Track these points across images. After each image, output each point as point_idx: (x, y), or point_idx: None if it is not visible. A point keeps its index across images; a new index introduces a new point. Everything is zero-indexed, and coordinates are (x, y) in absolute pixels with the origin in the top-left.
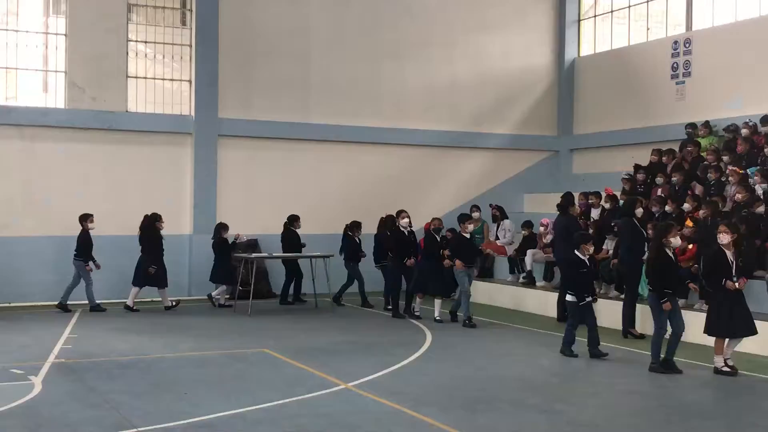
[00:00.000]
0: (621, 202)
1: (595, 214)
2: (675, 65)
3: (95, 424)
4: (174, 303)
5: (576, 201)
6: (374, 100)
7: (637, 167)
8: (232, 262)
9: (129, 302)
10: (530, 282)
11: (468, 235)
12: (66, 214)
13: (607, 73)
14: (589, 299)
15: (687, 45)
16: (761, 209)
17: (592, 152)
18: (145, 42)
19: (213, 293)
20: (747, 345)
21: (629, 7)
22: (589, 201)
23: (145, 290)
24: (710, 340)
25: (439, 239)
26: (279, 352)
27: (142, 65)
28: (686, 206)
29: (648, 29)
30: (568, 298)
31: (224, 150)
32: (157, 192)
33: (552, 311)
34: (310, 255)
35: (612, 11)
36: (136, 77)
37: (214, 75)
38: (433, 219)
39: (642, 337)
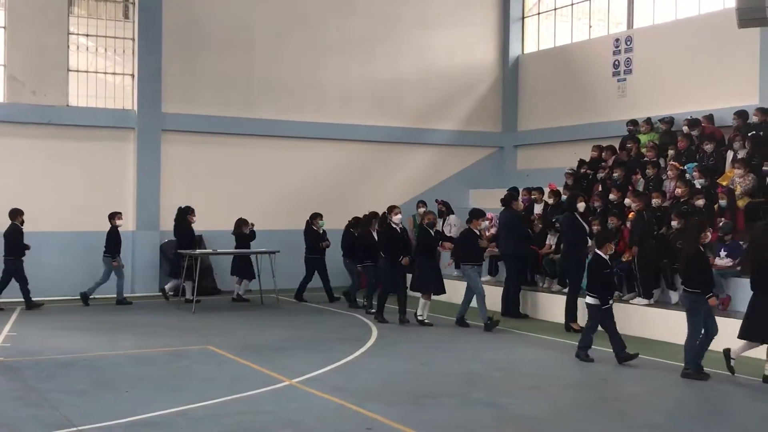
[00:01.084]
0: (564, 197)
1: (538, 209)
2: (616, 63)
3: (35, 423)
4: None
5: (520, 196)
6: (319, 95)
7: (581, 162)
8: (174, 259)
9: (188, 295)
10: None
11: (478, 232)
12: (4, 211)
13: (550, 70)
14: (611, 302)
15: (628, 43)
16: (701, 202)
17: (535, 148)
18: (87, 35)
19: (239, 291)
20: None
21: (572, 5)
22: (532, 196)
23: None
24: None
25: (433, 234)
26: (223, 349)
27: (83, 59)
28: (627, 201)
29: (590, 27)
30: (590, 300)
31: (168, 145)
32: (99, 188)
33: (497, 305)
34: (256, 251)
35: (555, 9)
36: (78, 71)
37: (157, 69)
38: (427, 213)
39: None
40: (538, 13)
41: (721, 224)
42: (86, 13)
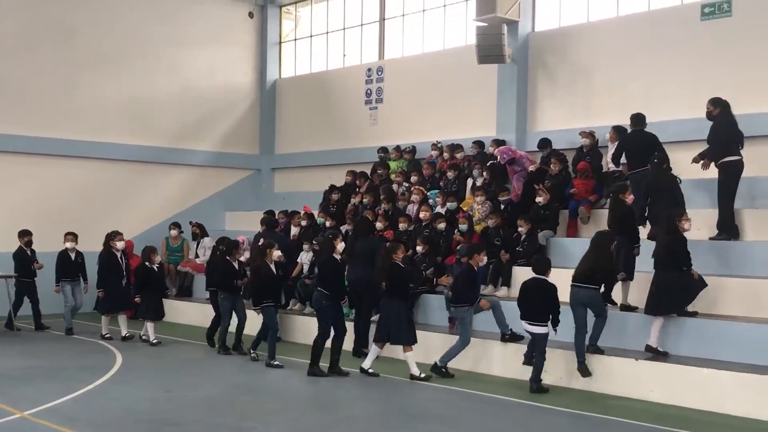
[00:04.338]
0: (318, 219)
1: (294, 231)
2: (369, 91)
3: None
4: (108, 334)
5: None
6: (69, 111)
7: (332, 187)
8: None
9: (103, 330)
10: None
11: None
12: None
13: (307, 96)
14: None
15: (380, 72)
16: (442, 226)
17: (292, 171)
18: None
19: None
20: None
21: (327, 33)
22: (291, 221)
23: None
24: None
25: (401, 272)
26: None
27: None
28: (379, 225)
29: (344, 55)
30: (538, 330)
31: None
32: None
33: (253, 329)
34: None
35: (312, 36)
36: None
37: None
38: (395, 246)
39: None
40: (295, 39)
41: (458, 247)
42: None
